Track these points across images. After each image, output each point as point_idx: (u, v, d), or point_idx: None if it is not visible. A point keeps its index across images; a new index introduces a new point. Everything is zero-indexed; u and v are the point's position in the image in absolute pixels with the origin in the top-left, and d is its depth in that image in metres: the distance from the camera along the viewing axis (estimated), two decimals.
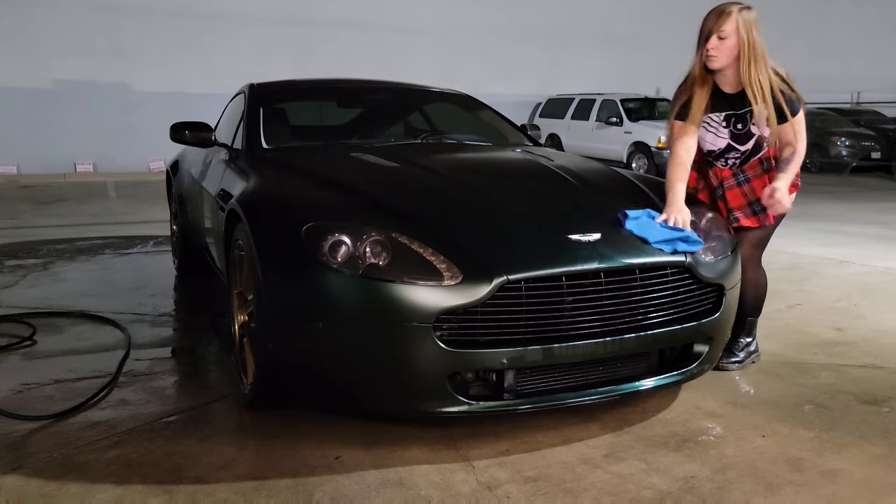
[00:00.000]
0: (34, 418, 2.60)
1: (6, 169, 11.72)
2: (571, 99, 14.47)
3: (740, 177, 3.07)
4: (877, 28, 18.81)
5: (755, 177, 3.05)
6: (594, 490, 2.16)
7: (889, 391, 2.95)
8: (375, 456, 2.36)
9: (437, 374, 2.28)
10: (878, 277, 4.90)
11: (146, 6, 12.32)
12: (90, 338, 3.57)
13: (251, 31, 13.01)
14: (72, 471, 2.24)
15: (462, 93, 4.58)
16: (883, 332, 3.75)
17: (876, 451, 2.43)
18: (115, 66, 12.28)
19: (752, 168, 3.05)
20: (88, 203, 9.02)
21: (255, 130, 3.63)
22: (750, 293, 3.15)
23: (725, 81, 2.94)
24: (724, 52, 2.83)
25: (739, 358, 3.20)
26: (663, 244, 2.55)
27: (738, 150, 3.02)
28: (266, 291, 2.44)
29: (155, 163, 12.45)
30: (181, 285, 4.76)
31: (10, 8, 11.51)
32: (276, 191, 2.91)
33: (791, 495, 2.15)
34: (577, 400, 2.46)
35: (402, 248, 2.34)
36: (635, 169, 12.23)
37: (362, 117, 4.33)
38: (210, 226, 3.77)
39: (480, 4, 14.80)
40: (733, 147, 3.01)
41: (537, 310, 2.32)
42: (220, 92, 7.37)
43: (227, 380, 3.01)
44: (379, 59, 13.50)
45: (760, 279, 3.21)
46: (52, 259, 5.43)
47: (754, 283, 3.17)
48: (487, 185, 2.91)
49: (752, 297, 3.18)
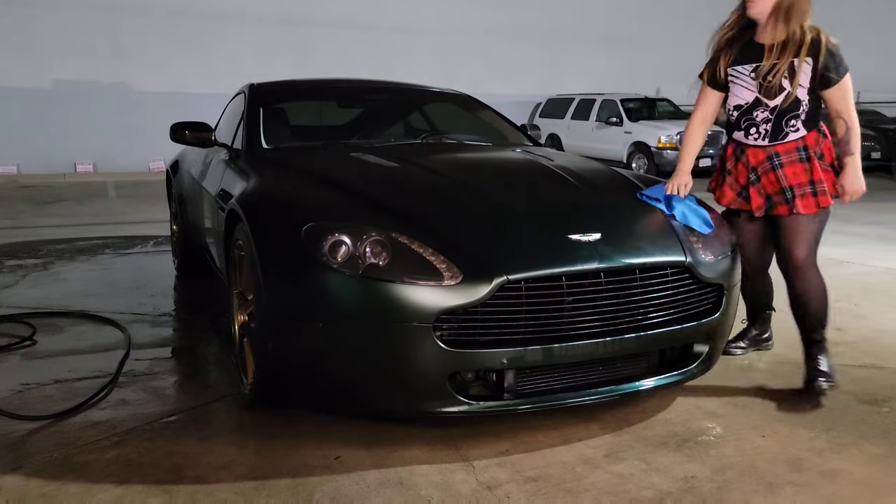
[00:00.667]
0: (34, 418, 2.60)
1: (6, 169, 11.71)
2: (571, 99, 14.46)
3: (774, 161, 2.87)
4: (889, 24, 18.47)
5: (789, 163, 2.84)
6: (594, 490, 2.16)
7: (889, 391, 2.95)
8: (375, 456, 2.36)
9: (437, 374, 2.28)
10: (878, 277, 4.89)
11: (146, 6, 12.31)
12: (90, 338, 3.57)
13: (251, 31, 13.01)
14: (72, 471, 2.25)
15: (462, 93, 4.58)
16: (883, 332, 3.75)
17: (876, 451, 2.43)
18: (115, 66, 12.28)
19: (787, 153, 2.85)
20: (88, 203, 9.02)
21: (255, 130, 3.63)
22: (814, 302, 2.89)
23: (762, 30, 2.83)
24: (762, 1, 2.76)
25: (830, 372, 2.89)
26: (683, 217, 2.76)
27: (767, 106, 2.84)
28: (266, 291, 2.44)
29: (155, 163, 12.45)
30: (181, 285, 4.76)
31: (10, 8, 11.51)
32: (276, 191, 2.91)
33: (791, 495, 2.15)
34: (577, 400, 2.46)
35: (402, 248, 2.34)
36: (635, 169, 12.22)
37: (362, 117, 4.34)
38: (210, 226, 3.77)
39: (480, 4, 14.79)
40: (761, 101, 2.85)
41: (537, 310, 2.32)
42: (220, 92, 7.37)
43: (227, 380, 3.01)
44: (379, 59, 13.50)
45: (822, 283, 2.92)
46: (52, 259, 5.43)
47: (816, 287, 2.90)
48: (487, 185, 2.91)
49: (816, 306, 2.90)
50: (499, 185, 2.97)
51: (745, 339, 3.36)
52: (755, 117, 2.88)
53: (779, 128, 2.85)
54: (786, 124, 2.84)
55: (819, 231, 2.90)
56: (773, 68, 2.79)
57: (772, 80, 2.80)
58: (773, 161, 2.87)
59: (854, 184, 2.83)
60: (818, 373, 2.88)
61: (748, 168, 2.93)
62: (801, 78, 2.77)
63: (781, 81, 2.79)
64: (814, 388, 2.85)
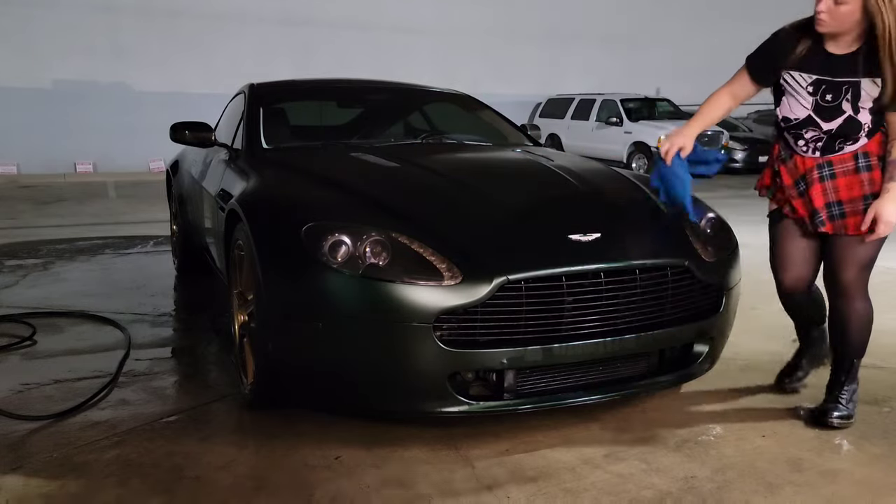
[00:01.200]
0: (34, 418, 2.60)
1: (6, 169, 11.72)
2: (571, 99, 14.47)
3: (825, 170, 2.45)
4: None
5: (842, 174, 2.43)
6: (594, 490, 2.16)
7: (889, 391, 2.95)
8: (375, 456, 2.36)
9: (437, 374, 2.28)
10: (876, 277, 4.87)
11: (146, 6, 12.32)
12: (90, 338, 3.57)
13: (251, 31, 13.02)
14: (72, 471, 2.24)
15: (462, 93, 4.58)
16: (882, 331, 3.74)
17: (876, 451, 2.43)
18: (115, 66, 12.29)
19: (841, 162, 2.43)
20: (88, 203, 9.02)
21: (255, 130, 3.63)
22: (855, 328, 2.58)
23: (834, 40, 2.34)
24: (838, 19, 2.27)
25: (848, 410, 2.60)
26: None
27: (821, 128, 2.41)
28: (266, 291, 2.44)
29: (155, 163, 12.45)
30: (181, 285, 4.76)
31: (10, 8, 11.51)
32: (276, 191, 2.91)
33: (791, 495, 2.15)
34: (577, 400, 2.46)
35: (402, 248, 2.34)
36: (635, 169, 12.23)
37: (362, 117, 4.34)
38: (210, 226, 3.77)
39: (480, 4, 14.80)
40: (814, 121, 2.42)
41: (537, 310, 2.32)
42: (220, 92, 7.37)
43: (227, 380, 3.01)
44: (379, 59, 13.50)
45: (868, 311, 2.59)
46: (52, 259, 5.43)
47: (860, 315, 2.57)
48: (487, 185, 2.91)
49: (856, 336, 2.59)
50: (499, 185, 2.96)
51: (799, 368, 2.91)
52: (804, 133, 2.48)
53: (831, 147, 2.45)
54: (840, 144, 2.44)
55: (874, 254, 2.53)
56: (837, 88, 2.37)
57: (832, 101, 2.38)
58: (822, 171, 2.47)
59: (892, 213, 2.36)
60: (837, 407, 2.60)
61: (794, 176, 2.54)
62: (863, 100, 2.35)
63: (842, 104, 2.37)
64: (824, 423, 2.58)
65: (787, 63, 2.44)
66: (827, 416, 2.59)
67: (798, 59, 2.41)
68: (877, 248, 2.51)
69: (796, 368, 2.93)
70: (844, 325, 2.60)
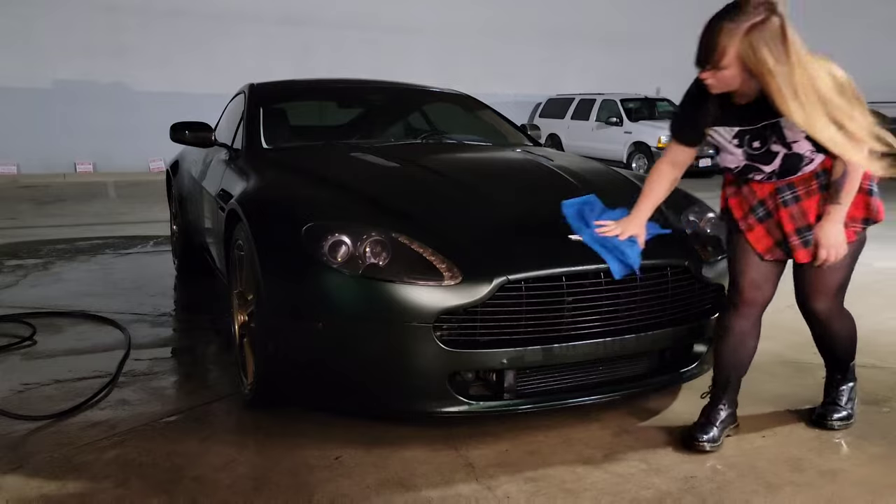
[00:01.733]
0: (34, 418, 2.60)
1: (6, 169, 11.72)
2: (571, 99, 14.48)
3: (786, 194, 2.28)
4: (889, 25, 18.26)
5: (806, 195, 2.27)
6: (594, 490, 2.16)
7: (889, 391, 2.95)
8: (375, 456, 2.36)
9: (438, 374, 2.28)
10: (872, 277, 4.88)
11: (146, 6, 12.32)
12: (90, 338, 3.57)
13: (251, 31, 13.02)
14: (72, 471, 2.25)
15: (462, 93, 4.58)
16: (881, 331, 3.75)
17: (876, 451, 2.43)
18: (116, 65, 12.29)
19: (802, 183, 2.27)
20: (88, 203, 9.02)
21: (255, 130, 3.63)
22: (840, 343, 2.54)
23: (736, 92, 2.20)
24: (724, 82, 2.15)
25: (847, 411, 2.59)
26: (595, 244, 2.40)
27: (763, 171, 2.29)
28: (266, 291, 2.44)
29: (155, 163, 12.45)
30: (181, 285, 4.76)
31: (10, 8, 11.51)
32: (276, 191, 2.91)
33: (791, 495, 2.15)
34: (577, 400, 2.46)
35: (402, 248, 2.34)
36: (635, 169, 12.23)
37: (362, 117, 4.34)
38: (210, 226, 3.77)
39: (480, 4, 14.80)
40: (754, 167, 2.29)
41: (537, 310, 2.33)
42: (220, 92, 7.37)
43: (227, 380, 3.01)
44: (379, 59, 13.50)
45: (850, 324, 2.53)
46: (52, 259, 5.44)
47: (842, 331, 2.52)
48: (487, 185, 2.91)
49: (844, 344, 2.56)
50: (499, 186, 2.97)
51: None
52: (752, 176, 2.33)
53: (785, 173, 2.28)
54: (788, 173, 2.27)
55: (847, 275, 2.40)
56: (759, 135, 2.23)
57: (760, 147, 2.24)
58: (783, 194, 2.29)
59: (834, 237, 2.24)
60: (835, 409, 2.57)
61: (751, 203, 2.36)
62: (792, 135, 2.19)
63: (770, 146, 2.23)
64: (824, 425, 2.56)
65: (707, 121, 2.31)
66: (826, 418, 2.57)
67: (714, 116, 2.28)
68: (848, 269, 2.39)
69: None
70: (830, 342, 2.57)
